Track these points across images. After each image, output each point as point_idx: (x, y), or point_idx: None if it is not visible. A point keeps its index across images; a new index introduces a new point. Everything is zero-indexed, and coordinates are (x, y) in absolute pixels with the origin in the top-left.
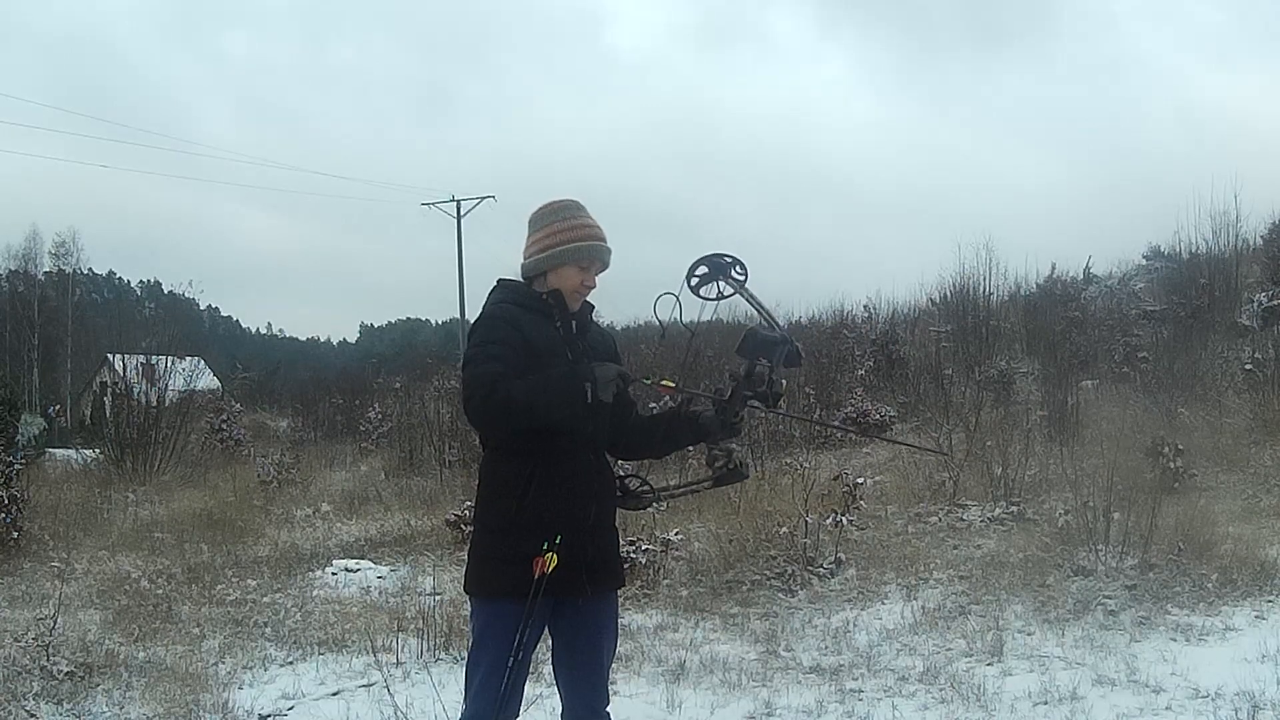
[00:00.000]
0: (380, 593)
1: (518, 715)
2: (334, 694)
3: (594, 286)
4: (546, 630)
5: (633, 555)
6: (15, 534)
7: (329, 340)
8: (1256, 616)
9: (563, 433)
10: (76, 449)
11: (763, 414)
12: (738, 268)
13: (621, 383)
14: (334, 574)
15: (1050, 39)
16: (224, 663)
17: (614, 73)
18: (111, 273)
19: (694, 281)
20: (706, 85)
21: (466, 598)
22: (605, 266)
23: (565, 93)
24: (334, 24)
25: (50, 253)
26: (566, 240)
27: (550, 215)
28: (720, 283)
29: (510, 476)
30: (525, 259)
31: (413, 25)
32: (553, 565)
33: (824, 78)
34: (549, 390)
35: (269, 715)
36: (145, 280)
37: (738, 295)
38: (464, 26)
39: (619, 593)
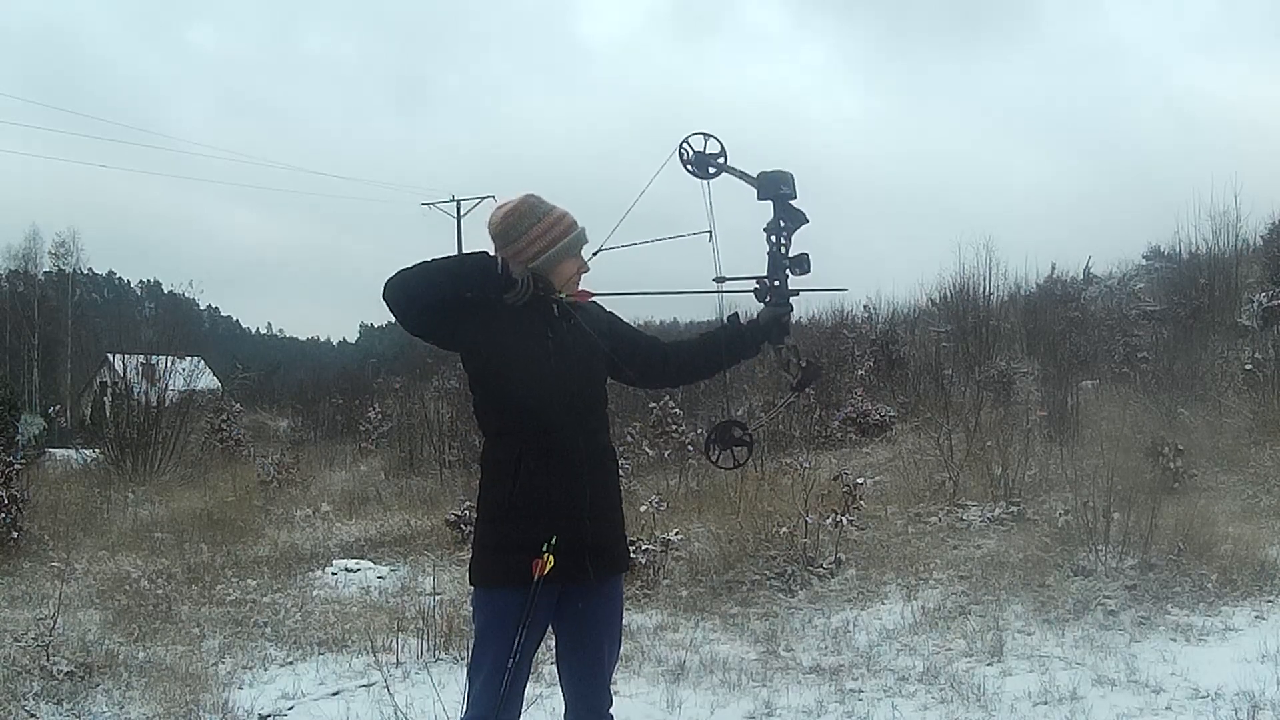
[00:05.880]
0: (380, 593)
1: (518, 717)
2: (334, 694)
3: (588, 269)
4: (550, 629)
5: (633, 555)
6: (15, 534)
7: (329, 340)
8: (1256, 616)
9: (545, 408)
10: (76, 449)
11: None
12: (720, 156)
13: (535, 288)
14: (334, 574)
15: (1037, 31)
16: (224, 663)
17: (592, 64)
18: (111, 273)
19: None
20: (686, 76)
21: (466, 597)
22: (587, 242)
23: (545, 85)
24: (310, 18)
25: (50, 253)
26: (554, 240)
27: (524, 221)
28: (709, 168)
29: (500, 460)
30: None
31: (392, 20)
32: (550, 567)
33: (807, 69)
34: (455, 258)
35: (269, 715)
36: (145, 280)
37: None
38: (440, 20)
39: (624, 582)
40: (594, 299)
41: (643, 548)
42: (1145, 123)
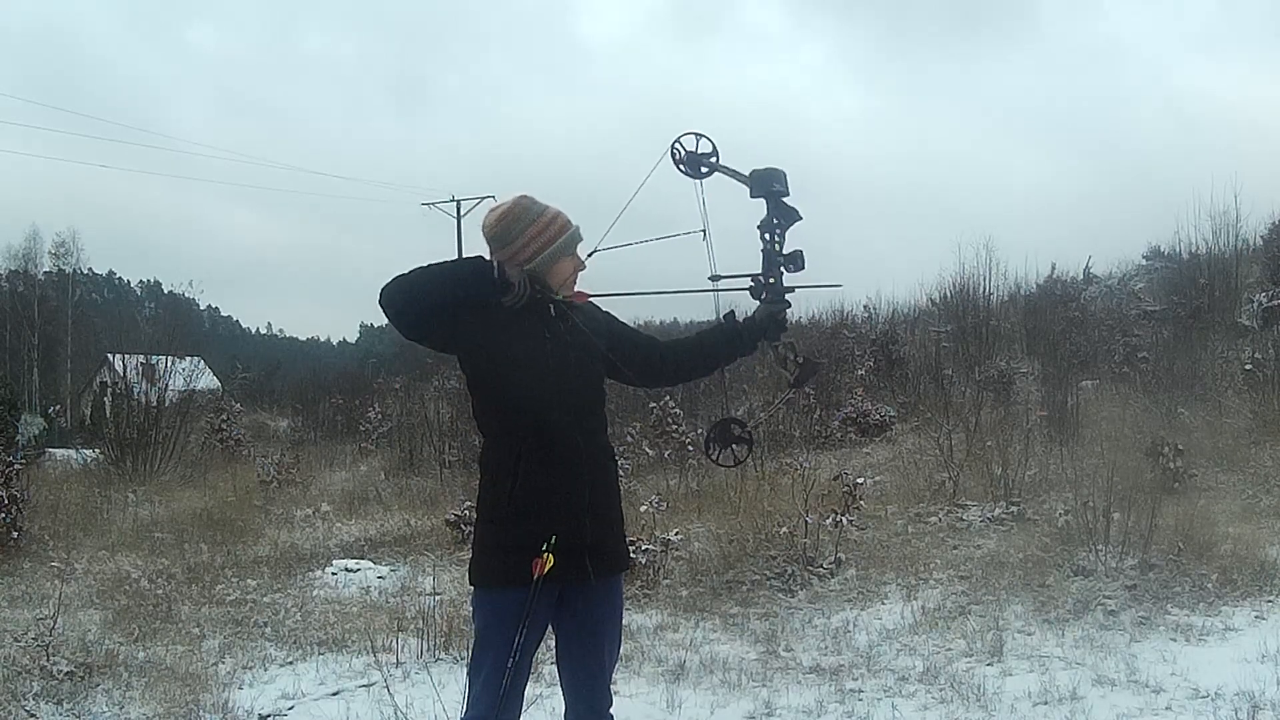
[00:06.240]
0: (380, 593)
1: (518, 717)
2: (334, 694)
3: (585, 267)
4: (550, 629)
5: (633, 555)
6: (15, 534)
7: (329, 340)
8: (1256, 616)
9: (544, 409)
10: (76, 449)
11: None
12: (712, 155)
13: (532, 289)
14: (334, 574)
15: (1037, 31)
16: (224, 663)
17: (592, 64)
18: (111, 273)
19: (681, 169)
20: (686, 76)
21: (466, 597)
22: (582, 240)
23: (545, 85)
24: (309, 18)
25: (50, 253)
26: (549, 240)
27: (518, 223)
28: (701, 167)
29: (499, 460)
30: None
31: (392, 20)
32: (549, 566)
33: (807, 69)
34: (451, 263)
35: (269, 715)
36: (145, 280)
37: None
38: (440, 20)
39: (624, 582)
40: (591, 299)
41: (643, 548)
42: (1145, 123)
